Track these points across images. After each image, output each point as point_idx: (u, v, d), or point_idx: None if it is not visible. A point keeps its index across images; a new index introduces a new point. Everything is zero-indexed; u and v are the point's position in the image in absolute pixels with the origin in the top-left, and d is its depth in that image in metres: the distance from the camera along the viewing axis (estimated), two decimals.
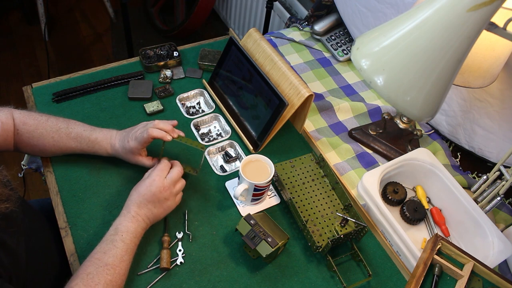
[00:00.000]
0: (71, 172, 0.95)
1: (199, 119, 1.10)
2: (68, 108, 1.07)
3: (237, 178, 0.99)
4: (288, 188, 0.95)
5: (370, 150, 1.14)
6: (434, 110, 0.86)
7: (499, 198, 0.92)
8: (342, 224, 0.91)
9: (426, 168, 1.00)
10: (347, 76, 1.34)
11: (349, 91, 1.29)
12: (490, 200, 0.94)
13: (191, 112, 1.12)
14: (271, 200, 0.97)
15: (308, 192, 0.95)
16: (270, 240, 0.82)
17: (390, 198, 1.00)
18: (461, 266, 0.82)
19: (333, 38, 1.39)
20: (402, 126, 1.09)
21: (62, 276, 0.93)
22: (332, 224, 0.91)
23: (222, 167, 1.03)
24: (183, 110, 1.11)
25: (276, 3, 1.89)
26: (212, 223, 0.92)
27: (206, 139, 1.07)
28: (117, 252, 0.76)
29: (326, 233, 0.90)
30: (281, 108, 0.97)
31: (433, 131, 1.22)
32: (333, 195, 0.96)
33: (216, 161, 1.04)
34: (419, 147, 1.11)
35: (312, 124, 1.17)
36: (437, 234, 0.83)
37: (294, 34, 1.44)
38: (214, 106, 1.13)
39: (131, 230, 0.79)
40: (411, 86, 0.82)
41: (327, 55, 1.39)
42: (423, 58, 0.78)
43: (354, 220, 0.90)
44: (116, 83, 1.14)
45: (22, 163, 1.05)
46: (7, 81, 2.36)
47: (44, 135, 0.89)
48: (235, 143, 1.06)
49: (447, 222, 0.99)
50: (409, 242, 0.86)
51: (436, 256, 0.81)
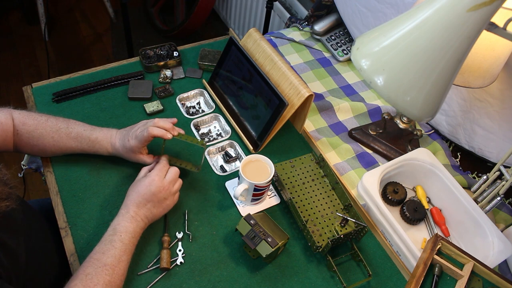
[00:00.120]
0: (71, 172, 0.95)
1: (199, 119, 1.10)
2: (68, 108, 1.07)
3: (237, 178, 0.99)
4: (288, 188, 0.95)
5: (370, 150, 1.14)
6: (434, 110, 0.86)
7: (499, 198, 0.92)
8: (342, 224, 0.91)
9: (426, 168, 1.00)
10: (347, 76, 1.34)
11: (349, 91, 1.29)
12: (490, 200, 0.94)
13: (191, 112, 1.12)
14: (271, 200, 0.97)
15: (308, 192, 0.95)
16: (270, 240, 0.82)
17: (390, 198, 0.99)
18: (461, 266, 0.82)
19: (333, 38, 1.39)
20: (402, 126, 1.09)
21: (62, 276, 0.93)
22: (332, 224, 0.91)
23: (222, 167, 1.03)
24: (183, 110, 1.11)
25: (276, 3, 1.89)
26: (212, 223, 0.92)
27: (206, 139, 1.07)
28: (115, 253, 0.76)
29: (326, 233, 0.90)
30: (281, 108, 0.97)
31: (433, 131, 1.21)
32: (333, 195, 0.96)
33: (216, 161, 1.04)
34: (419, 147, 1.11)
35: (312, 124, 1.17)
36: (437, 234, 0.83)
37: (294, 34, 1.44)
38: (214, 106, 1.13)
39: (130, 230, 0.79)
40: (411, 86, 0.82)
41: (327, 55, 1.39)
42: (423, 58, 0.78)
43: (354, 220, 0.90)
44: (116, 83, 1.14)
45: (22, 163, 1.05)
46: (7, 81, 2.36)
47: (44, 135, 0.89)
48: (235, 143, 1.06)
49: (447, 222, 0.99)
50: (409, 242, 0.86)
51: (436, 256, 0.81)
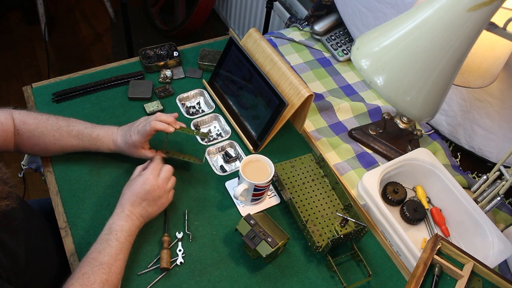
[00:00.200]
0: (71, 172, 0.95)
1: (199, 119, 1.10)
2: (68, 108, 1.07)
3: (237, 178, 0.99)
4: (288, 188, 0.95)
5: (370, 150, 1.14)
6: (434, 110, 0.86)
7: (499, 198, 0.92)
8: (342, 224, 0.91)
9: (426, 168, 1.00)
10: (347, 76, 1.34)
11: (349, 91, 1.29)
12: (490, 200, 0.94)
13: (191, 112, 1.12)
14: (271, 200, 0.97)
15: (308, 192, 0.95)
16: (270, 240, 0.82)
17: (390, 198, 0.99)
18: (461, 266, 0.82)
19: (333, 38, 1.39)
20: (402, 126, 1.09)
21: (62, 276, 0.93)
22: (332, 224, 0.91)
23: (222, 167, 1.03)
24: (183, 110, 1.11)
25: (276, 3, 1.89)
26: (212, 223, 0.92)
27: (206, 139, 1.07)
28: (111, 251, 0.76)
29: (326, 233, 0.90)
30: (281, 108, 0.97)
31: (433, 131, 1.21)
32: (333, 195, 0.96)
33: (216, 161, 1.04)
34: (419, 147, 1.11)
35: (312, 124, 1.17)
36: (437, 234, 0.83)
37: (294, 34, 1.44)
38: (214, 106, 1.13)
39: (126, 228, 0.79)
40: (411, 86, 0.82)
41: (327, 55, 1.39)
42: (423, 58, 0.78)
43: (354, 220, 0.90)
44: (116, 83, 1.14)
45: (22, 163, 1.05)
46: (7, 81, 2.36)
47: (45, 133, 0.89)
48: (235, 143, 1.06)
49: (447, 222, 0.99)
50: (409, 242, 0.86)
51: (436, 256, 0.81)
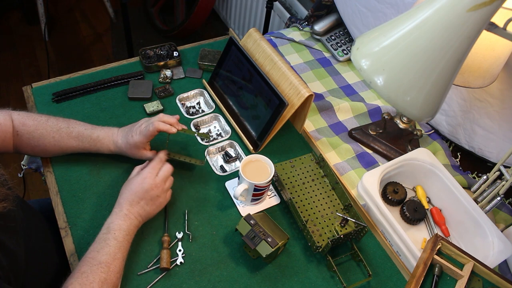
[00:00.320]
0: (71, 172, 0.95)
1: (199, 119, 1.10)
2: (68, 108, 1.07)
3: (237, 178, 0.99)
4: (288, 188, 0.95)
5: (370, 150, 1.14)
6: (434, 110, 0.86)
7: (499, 198, 0.92)
8: (342, 224, 0.91)
9: (426, 168, 1.00)
10: (347, 76, 1.34)
11: (349, 91, 1.29)
12: (490, 200, 0.93)
13: (191, 112, 1.12)
14: (271, 200, 0.97)
15: (308, 192, 0.95)
16: (270, 240, 0.82)
17: (390, 198, 0.99)
18: (461, 266, 0.82)
19: (333, 38, 1.39)
20: (402, 126, 1.09)
21: (62, 276, 0.93)
22: (332, 224, 0.91)
23: (222, 167, 1.03)
24: (183, 110, 1.11)
25: (276, 3, 1.89)
26: (212, 223, 0.92)
27: (206, 140, 1.07)
28: (110, 250, 0.76)
29: (326, 233, 0.90)
30: (281, 108, 0.97)
31: (433, 131, 1.21)
32: (333, 195, 0.96)
33: (216, 161, 1.04)
34: (419, 147, 1.11)
35: (312, 124, 1.17)
36: (437, 234, 0.83)
37: (294, 34, 1.44)
38: (214, 106, 1.13)
39: (124, 228, 0.79)
40: (411, 86, 0.82)
41: (327, 55, 1.39)
42: (423, 58, 0.78)
43: (354, 220, 0.90)
44: (116, 83, 1.14)
45: (22, 163, 1.05)
46: (7, 81, 2.36)
47: (45, 135, 0.89)
48: (235, 143, 1.06)
49: (447, 222, 0.99)
50: (409, 242, 0.86)
51: (436, 256, 0.81)
